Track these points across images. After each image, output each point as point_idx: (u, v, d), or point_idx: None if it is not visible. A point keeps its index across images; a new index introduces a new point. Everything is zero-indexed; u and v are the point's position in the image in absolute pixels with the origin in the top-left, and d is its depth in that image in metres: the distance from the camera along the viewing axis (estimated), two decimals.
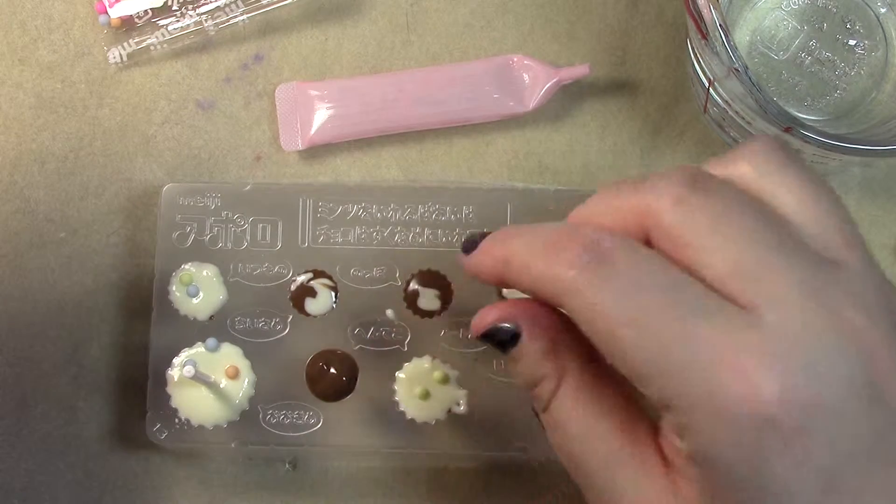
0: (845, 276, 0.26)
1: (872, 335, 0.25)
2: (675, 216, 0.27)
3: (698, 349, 0.25)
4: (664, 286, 0.26)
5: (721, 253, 0.26)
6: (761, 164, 0.28)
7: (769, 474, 0.25)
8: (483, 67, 0.44)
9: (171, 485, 0.43)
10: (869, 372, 0.25)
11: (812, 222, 0.27)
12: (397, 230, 0.42)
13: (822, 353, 0.25)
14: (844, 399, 0.25)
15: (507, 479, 0.42)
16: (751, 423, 0.25)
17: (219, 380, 0.40)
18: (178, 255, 0.42)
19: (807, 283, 0.26)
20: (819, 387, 0.25)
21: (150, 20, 0.44)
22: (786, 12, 0.42)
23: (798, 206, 0.27)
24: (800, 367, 0.25)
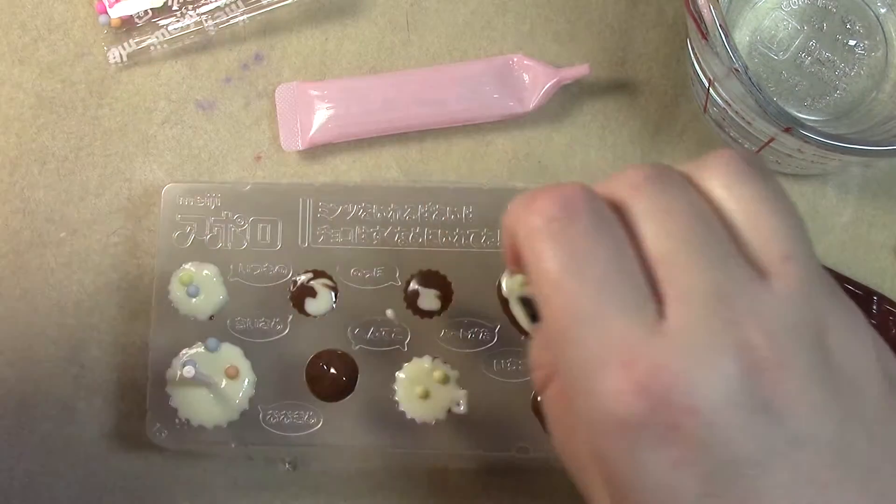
0: (765, 290, 0.27)
1: (766, 350, 0.26)
2: (627, 198, 0.28)
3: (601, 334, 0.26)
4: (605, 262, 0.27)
5: (651, 240, 0.27)
6: (723, 173, 0.29)
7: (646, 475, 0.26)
8: (483, 67, 0.44)
9: (171, 485, 0.43)
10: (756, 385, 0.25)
11: (756, 234, 0.28)
12: (397, 230, 0.42)
13: (707, 360, 0.26)
14: (721, 408, 0.25)
15: (507, 479, 0.42)
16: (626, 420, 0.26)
17: (219, 380, 0.40)
18: (178, 255, 0.42)
19: (718, 288, 0.26)
20: (696, 392, 0.25)
21: (150, 20, 0.44)
22: (786, 12, 0.42)
23: (746, 216, 0.28)
24: (681, 371, 0.25)
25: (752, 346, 0.26)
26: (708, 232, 0.27)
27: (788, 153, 0.39)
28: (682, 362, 0.26)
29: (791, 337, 0.26)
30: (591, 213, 0.28)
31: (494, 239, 0.42)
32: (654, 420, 0.25)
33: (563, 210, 0.28)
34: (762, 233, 0.28)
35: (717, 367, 0.25)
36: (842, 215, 0.43)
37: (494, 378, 0.41)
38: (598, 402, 0.26)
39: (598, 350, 0.27)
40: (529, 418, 0.40)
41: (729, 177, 0.28)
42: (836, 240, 0.43)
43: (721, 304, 0.26)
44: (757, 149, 0.41)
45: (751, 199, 0.28)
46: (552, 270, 0.28)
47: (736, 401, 0.25)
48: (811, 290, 0.27)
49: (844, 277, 0.42)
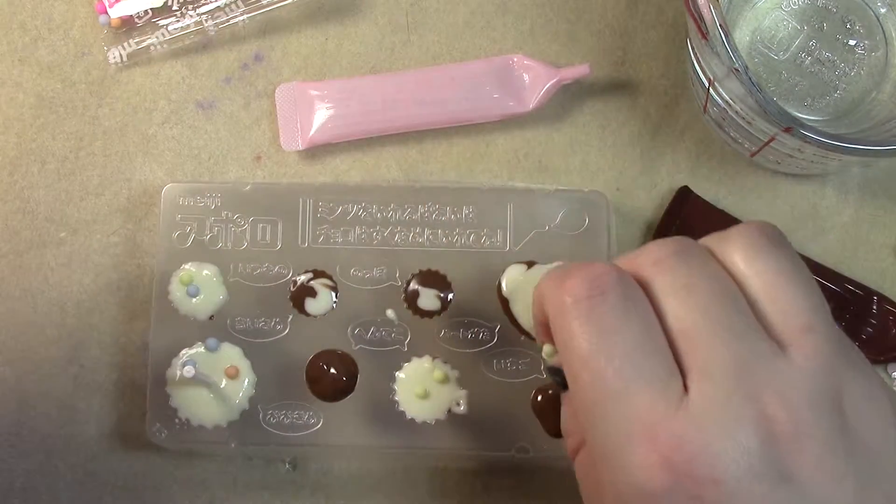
0: (784, 363, 0.27)
1: (785, 421, 0.26)
2: (650, 274, 0.30)
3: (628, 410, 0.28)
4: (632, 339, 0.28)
5: (673, 315, 0.29)
6: (743, 246, 0.30)
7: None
8: (483, 67, 0.44)
9: (171, 485, 0.43)
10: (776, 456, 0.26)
11: (775, 307, 0.29)
12: (397, 230, 0.42)
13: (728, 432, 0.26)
14: (742, 479, 0.26)
15: (507, 479, 0.42)
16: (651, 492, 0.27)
17: (219, 380, 0.40)
18: (178, 255, 0.42)
19: (738, 362, 0.27)
20: (719, 464, 0.26)
21: (150, 20, 0.44)
22: (786, 12, 0.42)
23: (766, 290, 0.29)
24: (704, 444, 0.26)
25: (771, 419, 0.26)
26: (728, 306, 0.28)
27: (788, 153, 0.39)
28: (703, 435, 0.26)
29: (810, 408, 0.27)
30: (619, 292, 0.29)
31: (494, 239, 0.42)
32: (678, 491, 0.26)
33: (591, 290, 0.29)
34: (781, 306, 0.28)
35: (738, 440, 0.26)
36: (842, 215, 0.43)
37: (494, 378, 0.41)
38: (623, 475, 0.27)
39: (624, 424, 0.28)
40: (529, 418, 0.40)
41: (749, 250, 0.29)
42: (836, 240, 0.43)
43: (741, 378, 0.27)
44: (757, 149, 0.41)
45: (770, 272, 0.29)
46: (581, 348, 0.29)
47: (757, 472, 0.26)
48: (830, 360, 0.28)
49: (844, 277, 0.42)
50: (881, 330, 0.42)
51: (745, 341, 0.28)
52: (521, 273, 0.41)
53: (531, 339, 0.41)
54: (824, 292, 0.43)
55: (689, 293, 0.29)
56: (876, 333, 0.42)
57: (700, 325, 0.28)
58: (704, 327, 0.28)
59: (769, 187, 0.44)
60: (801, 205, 0.43)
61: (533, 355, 0.41)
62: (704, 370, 0.27)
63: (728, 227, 0.31)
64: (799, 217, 0.43)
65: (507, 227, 0.42)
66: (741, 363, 0.27)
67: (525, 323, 0.41)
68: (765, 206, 0.43)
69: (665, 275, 0.29)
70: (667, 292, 0.29)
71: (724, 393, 0.27)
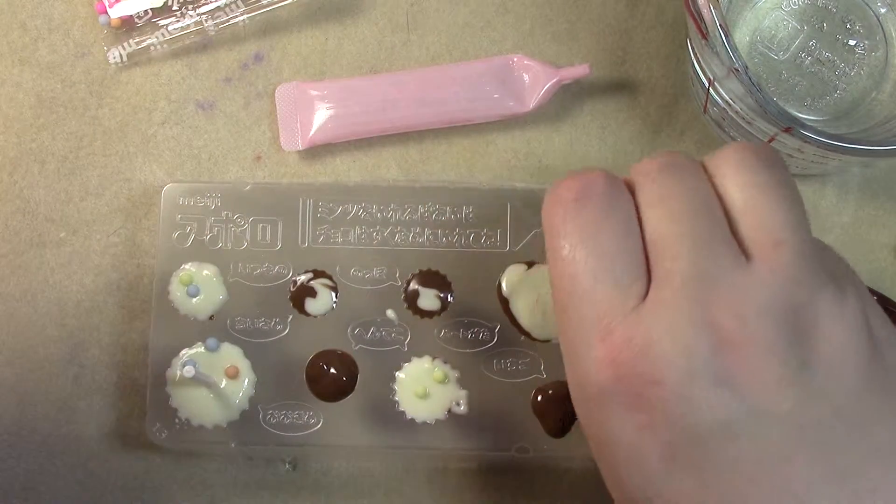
0: (744, 273, 0.28)
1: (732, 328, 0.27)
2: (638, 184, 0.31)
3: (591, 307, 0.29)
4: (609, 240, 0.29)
5: (648, 224, 0.30)
6: (732, 162, 0.30)
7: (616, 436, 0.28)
8: (483, 67, 0.44)
9: (171, 485, 0.43)
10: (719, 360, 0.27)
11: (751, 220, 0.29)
12: (397, 230, 0.42)
13: (675, 334, 0.27)
14: (686, 383, 0.27)
15: (507, 479, 0.42)
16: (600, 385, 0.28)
17: (219, 380, 0.40)
18: (178, 255, 0.42)
19: (696, 271, 0.28)
20: (660, 364, 0.27)
21: (150, 20, 0.44)
22: (786, 12, 0.42)
23: (745, 203, 0.29)
24: (650, 343, 0.27)
25: (718, 325, 0.27)
26: (700, 217, 0.29)
27: (788, 153, 0.39)
28: (650, 335, 0.28)
29: (759, 318, 0.27)
30: (604, 196, 0.30)
31: (494, 239, 0.42)
32: (623, 388, 0.28)
33: (579, 193, 0.30)
34: (756, 219, 0.29)
35: (681, 342, 0.27)
36: (842, 215, 0.43)
37: (494, 378, 0.41)
38: (580, 370, 0.29)
39: (586, 321, 0.29)
40: (529, 418, 0.40)
41: (736, 165, 0.30)
42: (836, 240, 0.43)
43: (695, 285, 0.28)
44: None
45: (752, 186, 0.30)
46: (560, 246, 0.30)
47: (697, 374, 0.27)
48: (797, 275, 0.28)
49: None
50: None
51: (708, 251, 0.28)
52: (521, 273, 0.41)
53: (531, 339, 0.41)
54: None
55: (664, 204, 0.30)
56: None
57: (668, 234, 0.29)
58: (671, 236, 0.29)
59: None
60: None
61: (533, 355, 0.41)
62: (664, 276, 0.28)
63: None
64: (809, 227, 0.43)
65: (507, 227, 0.42)
66: (699, 271, 0.28)
67: (525, 323, 0.41)
68: None
69: (649, 185, 0.30)
70: (647, 202, 0.30)
71: (676, 297, 0.28)
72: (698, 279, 0.28)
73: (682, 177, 0.30)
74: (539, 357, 0.41)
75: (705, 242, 0.29)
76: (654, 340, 0.27)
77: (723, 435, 0.27)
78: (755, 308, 0.28)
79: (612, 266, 0.29)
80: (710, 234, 0.29)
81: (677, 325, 0.27)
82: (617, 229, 0.30)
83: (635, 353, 0.28)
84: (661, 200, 0.30)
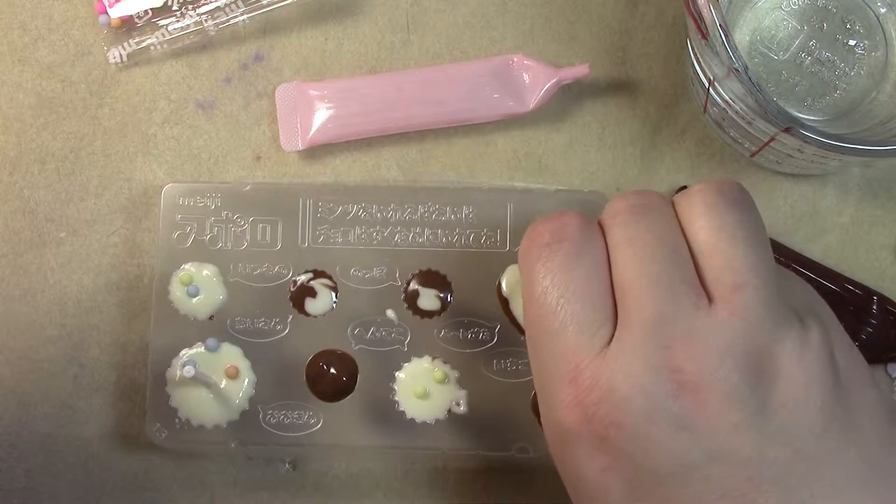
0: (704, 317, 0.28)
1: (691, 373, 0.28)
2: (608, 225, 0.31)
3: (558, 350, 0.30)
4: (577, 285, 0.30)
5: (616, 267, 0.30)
6: (698, 203, 0.31)
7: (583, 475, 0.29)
8: (483, 67, 0.44)
9: (171, 485, 0.43)
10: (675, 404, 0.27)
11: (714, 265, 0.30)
12: (397, 230, 0.42)
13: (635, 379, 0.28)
14: (643, 425, 0.28)
15: (507, 479, 0.42)
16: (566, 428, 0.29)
17: (219, 380, 0.40)
18: (178, 255, 0.42)
19: (660, 315, 0.29)
20: (622, 407, 0.28)
21: (150, 20, 0.44)
22: (786, 12, 0.42)
23: (710, 248, 0.30)
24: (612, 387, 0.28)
25: (678, 369, 0.28)
26: (665, 260, 0.30)
27: (788, 153, 0.39)
28: (612, 379, 0.28)
29: (720, 361, 0.28)
30: (575, 240, 0.31)
31: (494, 239, 0.42)
32: (588, 430, 0.28)
33: (552, 237, 0.31)
34: (719, 262, 0.30)
35: (642, 386, 0.28)
36: (842, 215, 0.43)
37: (494, 378, 0.41)
38: (549, 411, 0.30)
39: (554, 363, 0.30)
40: (529, 418, 0.40)
41: (703, 206, 0.31)
42: (836, 240, 0.43)
43: (657, 329, 0.28)
44: (757, 149, 0.41)
45: (713, 228, 0.30)
46: (533, 288, 0.31)
47: (656, 418, 0.28)
48: (757, 318, 0.28)
49: (844, 277, 0.42)
50: (881, 330, 0.42)
51: (670, 294, 0.29)
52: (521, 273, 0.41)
53: None
54: (824, 292, 0.43)
55: (631, 246, 0.30)
56: (876, 333, 0.42)
57: (632, 276, 0.30)
58: (636, 279, 0.29)
59: (769, 187, 0.44)
60: (801, 205, 0.43)
61: None
62: (626, 319, 0.29)
63: None
64: (799, 217, 0.43)
65: (507, 227, 0.42)
66: (660, 315, 0.29)
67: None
68: (765, 206, 0.43)
69: (618, 227, 0.31)
70: (614, 244, 0.31)
71: (638, 341, 0.28)
72: (658, 322, 0.28)
73: (651, 218, 0.31)
74: None
75: (666, 285, 0.29)
76: (616, 384, 0.28)
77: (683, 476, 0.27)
78: (715, 351, 0.28)
79: (581, 310, 0.30)
80: (672, 276, 0.29)
81: (636, 369, 0.28)
82: (586, 273, 0.30)
83: (600, 397, 0.28)
84: (627, 242, 0.30)
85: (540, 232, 0.32)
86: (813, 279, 0.42)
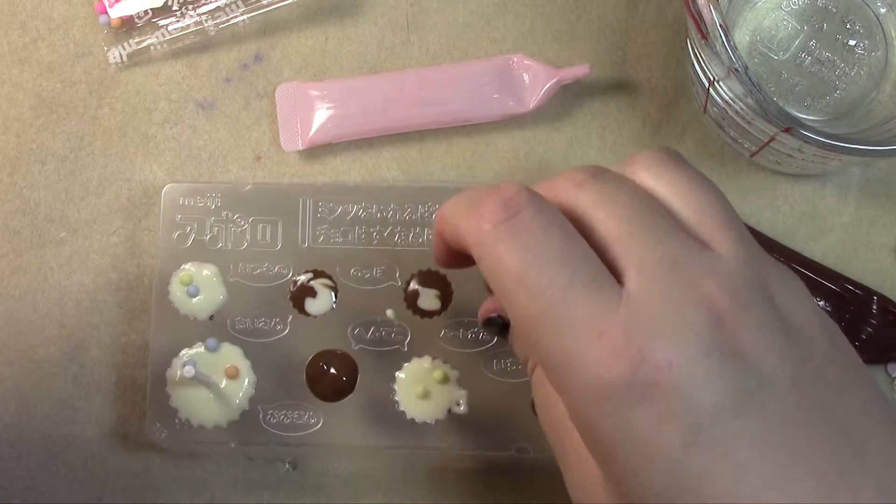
0: (710, 254, 0.29)
1: (726, 301, 0.28)
2: (571, 196, 0.31)
3: (571, 315, 0.28)
4: (557, 249, 0.29)
5: (604, 224, 0.30)
6: (651, 165, 0.31)
7: (633, 433, 0.27)
8: (483, 67, 0.44)
9: (171, 485, 0.43)
10: (722, 334, 0.27)
11: (691, 212, 0.30)
12: (397, 230, 0.42)
13: (675, 317, 0.28)
14: (695, 358, 0.27)
15: (507, 479, 0.42)
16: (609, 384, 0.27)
17: (219, 380, 0.40)
18: (178, 255, 0.42)
19: (669, 257, 0.29)
20: (670, 348, 0.27)
21: (150, 20, 0.44)
22: (786, 12, 0.42)
23: (680, 198, 0.31)
24: (653, 331, 0.27)
25: (713, 300, 0.28)
26: (652, 212, 0.30)
27: (788, 153, 0.39)
28: (652, 322, 0.27)
29: (745, 290, 0.28)
30: (534, 207, 0.30)
31: None
32: (636, 379, 0.27)
33: (507, 211, 0.30)
34: (695, 208, 0.30)
35: (686, 322, 0.27)
36: (842, 215, 0.43)
37: (494, 378, 0.41)
38: (580, 377, 0.28)
39: (570, 330, 0.28)
40: (529, 418, 0.40)
41: (655, 166, 0.31)
42: (836, 240, 0.43)
43: (677, 269, 0.28)
44: (757, 149, 0.41)
45: (679, 181, 0.31)
46: (511, 269, 0.29)
47: (707, 349, 0.27)
48: (750, 253, 0.29)
49: (844, 277, 0.42)
50: (881, 330, 0.42)
51: (673, 239, 0.29)
52: None
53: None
54: (824, 292, 0.43)
55: (615, 204, 0.30)
56: (876, 333, 0.42)
57: (628, 230, 0.29)
58: (633, 231, 0.29)
59: (769, 187, 0.44)
60: (801, 205, 0.43)
61: None
62: (641, 267, 0.29)
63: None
64: (799, 217, 0.43)
65: None
66: (674, 257, 0.28)
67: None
68: (765, 206, 0.43)
69: (588, 192, 0.30)
70: (594, 207, 0.30)
71: (664, 283, 0.28)
72: (674, 263, 0.28)
73: (618, 181, 0.31)
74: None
75: (665, 231, 0.29)
76: (655, 327, 0.27)
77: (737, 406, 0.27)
78: (737, 282, 0.28)
79: (574, 269, 0.29)
80: (664, 224, 0.30)
81: (673, 308, 0.28)
82: (563, 234, 0.29)
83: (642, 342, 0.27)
84: (605, 201, 0.30)
85: (487, 213, 0.30)
86: (813, 279, 0.42)
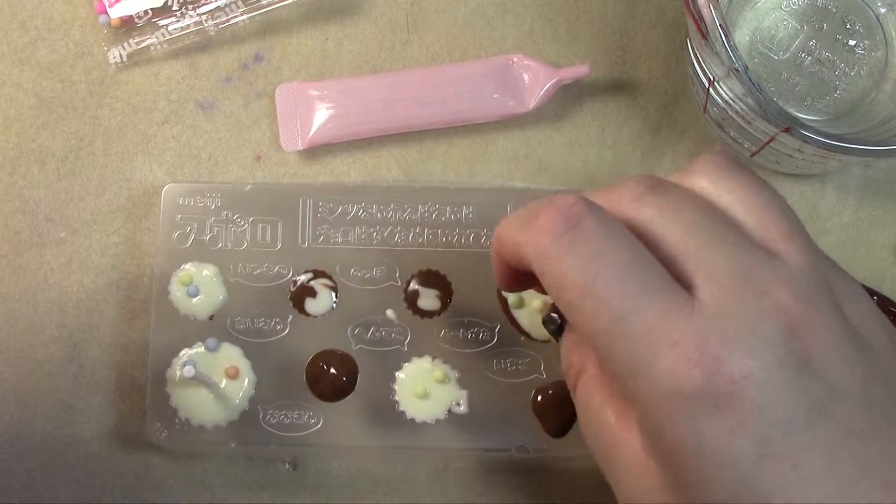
0: (778, 262, 0.29)
1: (799, 311, 0.28)
2: (631, 209, 0.30)
3: (643, 324, 0.28)
4: (623, 259, 0.29)
5: (672, 237, 0.29)
6: (712, 173, 0.31)
7: (705, 442, 0.27)
8: (483, 67, 0.44)
9: (171, 485, 0.43)
10: (795, 344, 0.27)
11: (754, 220, 0.30)
12: (397, 230, 0.42)
13: (748, 327, 0.27)
14: (770, 369, 0.27)
15: (507, 479, 0.42)
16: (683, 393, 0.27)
17: (219, 380, 0.40)
18: (178, 255, 0.42)
19: (739, 266, 0.28)
20: (745, 358, 0.27)
21: (150, 20, 0.44)
22: (786, 12, 0.42)
23: (742, 206, 0.30)
24: (727, 341, 0.27)
25: (786, 308, 0.27)
26: (718, 222, 0.29)
27: (788, 153, 0.39)
28: (725, 332, 0.27)
29: (816, 298, 0.28)
30: (594, 218, 0.29)
31: None
32: (710, 389, 0.27)
33: (567, 222, 0.29)
34: (759, 215, 0.30)
35: (759, 332, 0.27)
36: (842, 215, 0.43)
37: (494, 378, 0.41)
38: (652, 385, 0.28)
39: (641, 338, 0.28)
40: (529, 418, 0.40)
41: (715, 174, 0.31)
42: (836, 240, 0.43)
43: (747, 278, 0.28)
44: (757, 149, 0.41)
45: (738, 187, 0.30)
46: (576, 281, 0.29)
47: (780, 359, 0.27)
48: (816, 260, 0.29)
49: None
50: None
51: (741, 249, 0.29)
52: None
53: (531, 339, 0.41)
54: None
55: (680, 217, 0.30)
56: None
57: (696, 242, 0.29)
58: (701, 244, 0.29)
59: None
60: (801, 205, 0.43)
61: (533, 355, 0.41)
62: (710, 276, 0.28)
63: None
64: (799, 217, 0.43)
65: None
66: (743, 266, 0.28)
67: (525, 323, 0.41)
68: None
69: (650, 206, 0.30)
70: (657, 221, 0.30)
71: (737, 293, 0.28)
72: (746, 273, 0.28)
73: (679, 193, 0.30)
74: (539, 357, 0.41)
75: (734, 242, 0.29)
76: (731, 335, 0.27)
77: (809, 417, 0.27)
78: (806, 288, 0.28)
79: (642, 278, 0.28)
80: (732, 234, 0.29)
81: (747, 318, 0.27)
82: (627, 243, 0.29)
83: (717, 352, 0.27)
84: (674, 215, 0.30)
85: (547, 222, 0.30)
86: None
